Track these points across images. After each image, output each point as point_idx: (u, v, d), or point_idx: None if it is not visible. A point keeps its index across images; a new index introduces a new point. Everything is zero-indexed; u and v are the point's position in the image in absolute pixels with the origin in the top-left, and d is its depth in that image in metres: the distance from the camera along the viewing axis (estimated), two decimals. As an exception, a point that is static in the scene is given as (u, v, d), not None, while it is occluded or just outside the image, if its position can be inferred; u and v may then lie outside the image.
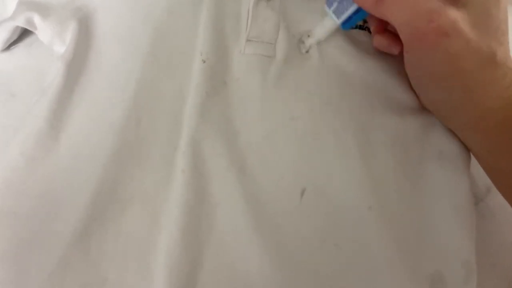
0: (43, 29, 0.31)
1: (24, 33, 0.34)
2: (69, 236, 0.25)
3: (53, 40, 0.31)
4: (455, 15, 0.23)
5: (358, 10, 0.26)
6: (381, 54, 0.31)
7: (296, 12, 0.32)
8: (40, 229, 0.26)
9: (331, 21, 0.29)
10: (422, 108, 0.30)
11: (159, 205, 0.27)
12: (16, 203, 0.26)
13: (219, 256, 0.26)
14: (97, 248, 0.26)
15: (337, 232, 0.27)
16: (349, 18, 0.27)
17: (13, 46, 0.34)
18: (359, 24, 0.32)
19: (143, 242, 0.26)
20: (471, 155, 0.30)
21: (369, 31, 0.32)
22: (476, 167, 0.29)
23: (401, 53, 0.27)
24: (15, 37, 0.33)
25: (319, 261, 0.26)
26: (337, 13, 0.28)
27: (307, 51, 0.31)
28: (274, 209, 0.27)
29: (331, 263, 0.26)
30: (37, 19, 0.30)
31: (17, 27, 0.32)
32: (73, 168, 0.27)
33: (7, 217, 0.26)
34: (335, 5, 0.28)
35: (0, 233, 0.25)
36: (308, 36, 0.31)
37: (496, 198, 0.29)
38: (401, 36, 0.25)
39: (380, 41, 0.29)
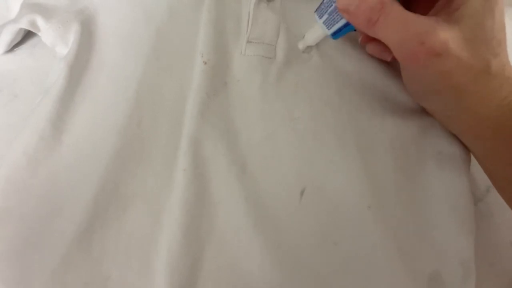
0: (46, 31, 0.31)
1: (27, 35, 0.34)
2: (71, 234, 0.26)
3: (56, 41, 0.31)
4: (446, 35, 0.23)
5: (348, 23, 0.26)
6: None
7: (297, 14, 0.32)
8: (43, 228, 0.26)
9: (321, 30, 0.29)
10: (422, 109, 0.31)
11: (160, 204, 0.27)
12: (19, 202, 0.26)
13: (220, 255, 0.26)
14: (99, 247, 0.26)
15: (336, 231, 0.27)
16: (339, 30, 0.27)
17: (16, 48, 0.34)
18: None
19: (144, 240, 0.26)
20: (472, 156, 0.30)
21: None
22: (476, 167, 0.29)
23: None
24: (18, 39, 0.34)
25: (319, 260, 0.27)
26: (327, 24, 0.28)
27: (308, 53, 0.31)
28: (274, 208, 0.27)
29: (330, 262, 0.27)
30: (40, 21, 0.31)
31: (21, 29, 0.32)
32: (75, 168, 0.27)
33: (10, 216, 0.26)
34: (325, 17, 0.27)
35: (3, 231, 0.26)
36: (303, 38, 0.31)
37: (496, 198, 0.29)
38: (395, 55, 0.25)
39: (373, 48, 0.29)
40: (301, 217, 0.27)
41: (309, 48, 0.31)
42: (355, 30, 0.27)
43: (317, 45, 0.31)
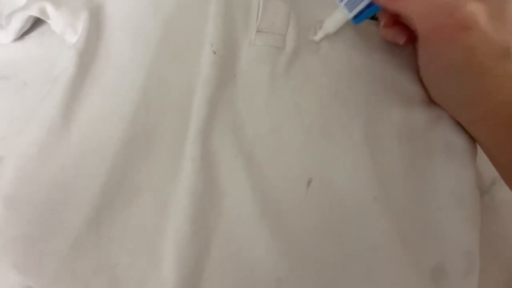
0: (55, 19, 0.31)
1: (36, 23, 0.34)
2: (80, 223, 0.26)
3: (65, 29, 0.31)
4: (475, 7, 0.23)
5: (370, 4, 0.26)
6: (389, 48, 0.31)
7: (307, 4, 0.32)
8: (53, 216, 0.26)
9: (342, 14, 0.28)
10: (429, 101, 0.30)
11: (167, 194, 0.27)
12: (30, 190, 0.26)
13: (226, 244, 0.26)
14: (107, 235, 0.26)
15: (342, 222, 0.27)
16: (361, 12, 0.27)
17: (25, 36, 0.34)
18: None
19: (152, 229, 0.26)
20: (478, 148, 0.30)
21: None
22: (481, 160, 0.29)
23: (407, 45, 0.27)
24: (27, 27, 0.33)
25: (324, 250, 0.27)
26: (349, 7, 0.27)
27: (317, 42, 0.31)
28: (281, 199, 0.27)
29: (335, 253, 0.27)
30: (50, 8, 0.30)
31: (30, 16, 0.32)
32: (83, 157, 0.27)
33: (21, 204, 0.26)
34: None
35: (15, 219, 0.26)
36: (320, 28, 0.30)
37: (501, 191, 0.29)
38: (419, 30, 0.25)
39: (387, 31, 0.28)
40: (307, 208, 0.28)
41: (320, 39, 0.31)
42: (375, 14, 0.27)
43: (326, 36, 0.31)
